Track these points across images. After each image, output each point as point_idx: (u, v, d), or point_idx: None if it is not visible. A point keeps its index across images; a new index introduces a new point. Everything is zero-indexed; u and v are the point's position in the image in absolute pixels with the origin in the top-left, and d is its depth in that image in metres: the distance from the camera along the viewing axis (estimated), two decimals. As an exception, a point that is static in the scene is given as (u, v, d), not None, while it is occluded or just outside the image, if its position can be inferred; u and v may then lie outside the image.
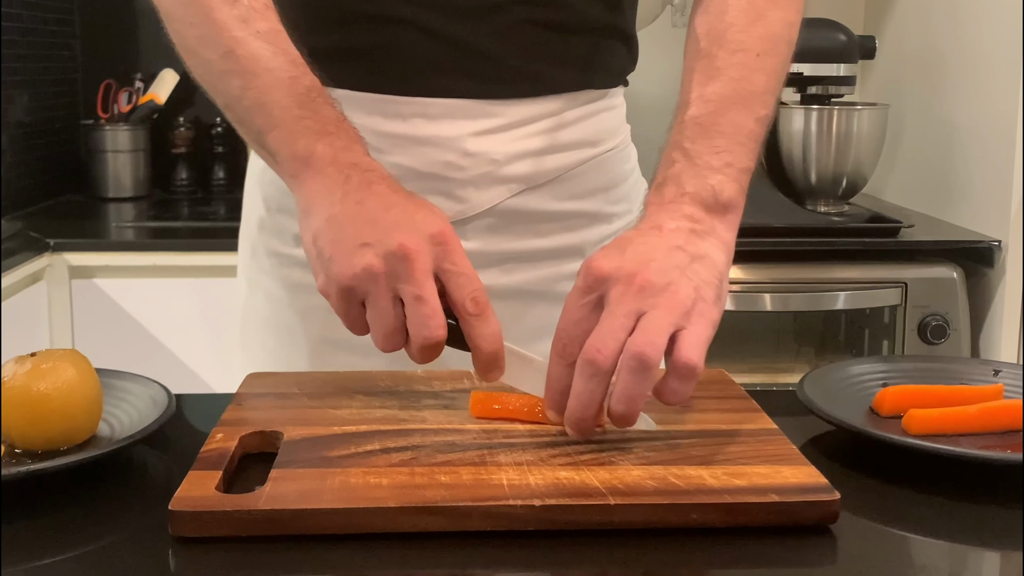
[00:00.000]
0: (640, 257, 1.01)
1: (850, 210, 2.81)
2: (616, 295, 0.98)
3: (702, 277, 1.01)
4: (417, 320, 0.98)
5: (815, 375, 1.17)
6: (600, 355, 0.96)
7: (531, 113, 1.30)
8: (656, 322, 0.96)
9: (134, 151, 3.21)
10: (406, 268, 0.99)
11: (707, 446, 0.99)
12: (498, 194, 1.31)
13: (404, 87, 1.28)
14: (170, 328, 2.67)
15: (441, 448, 0.98)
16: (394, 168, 1.27)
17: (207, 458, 0.95)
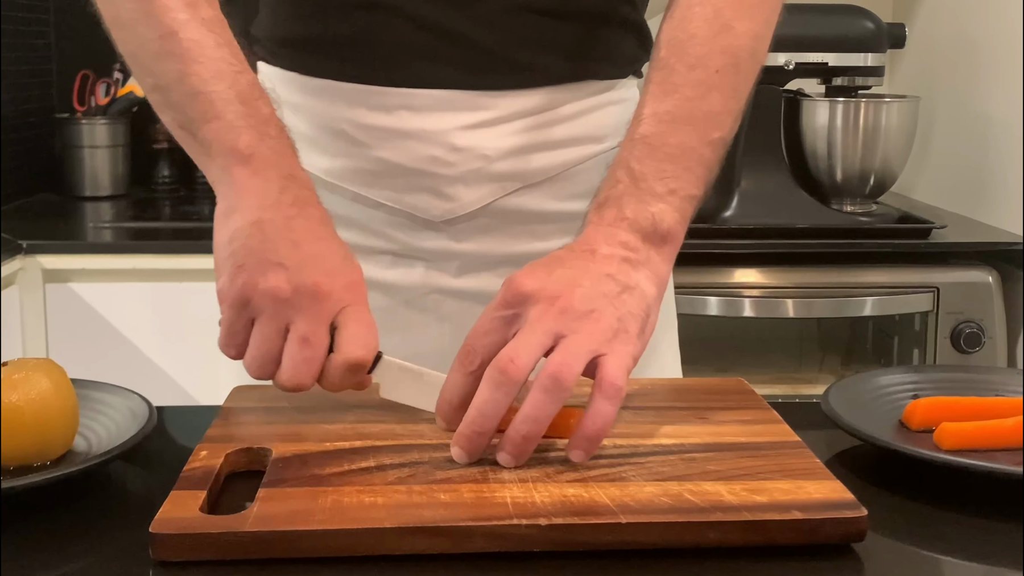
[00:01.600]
0: (567, 280, 1.03)
1: (878, 210, 2.81)
2: (536, 314, 1.00)
3: (628, 308, 1.03)
4: (295, 361, 1.02)
5: (841, 386, 1.17)
6: (513, 365, 0.97)
7: (524, 106, 1.30)
8: (575, 346, 0.99)
9: (112, 146, 3.22)
10: (310, 306, 1.02)
11: (725, 460, 1.00)
12: (490, 192, 1.31)
13: (388, 77, 1.28)
14: (151, 336, 2.68)
15: (440, 465, 0.98)
16: (378, 164, 1.30)
17: (191, 476, 0.95)
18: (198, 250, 2.67)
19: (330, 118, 1.31)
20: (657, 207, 1.10)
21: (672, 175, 1.12)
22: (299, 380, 1.02)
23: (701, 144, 1.14)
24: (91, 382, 1.14)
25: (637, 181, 1.11)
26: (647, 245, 1.09)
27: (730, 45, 1.17)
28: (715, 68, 1.16)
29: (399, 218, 1.33)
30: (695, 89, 1.15)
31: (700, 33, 1.17)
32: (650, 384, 1.20)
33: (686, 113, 1.14)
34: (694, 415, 1.11)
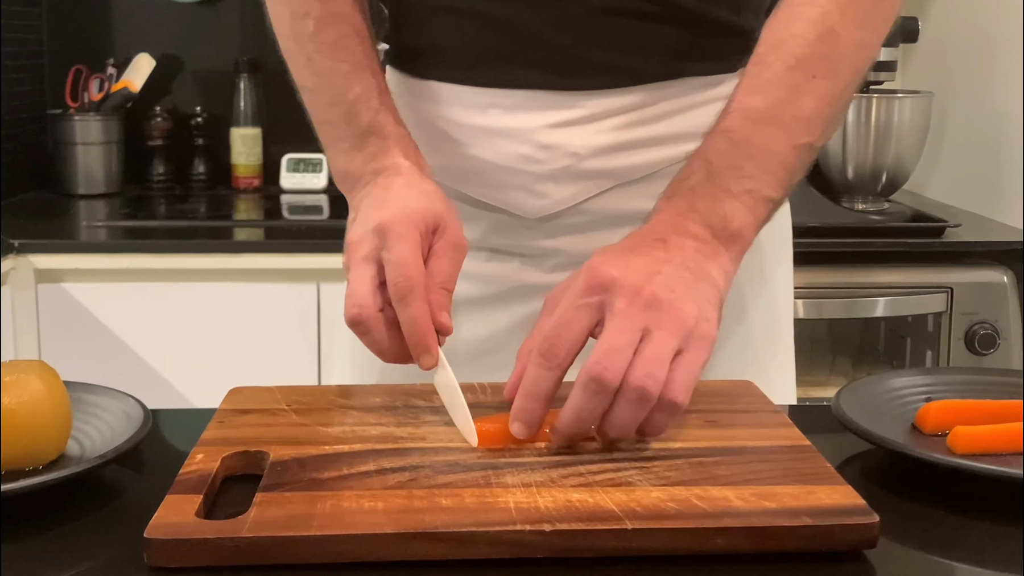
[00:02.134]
0: (646, 268, 1.04)
1: (890, 208, 2.81)
2: (621, 306, 1.01)
3: (706, 296, 1.05)
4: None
5: (852, 388, 1.17)
6: (608, 373, 0.99)
7: (614, 105, 1.31)
8: (659, 347, 1.00)
9: (106, 143, 3.22)
10: (347, 256, 1.16)
11: (734, 465, 1.00)
12: (582, 190, 1.33)
13: (477, 78, 1.32)
14: (146, 337, 2.68)
15: (442, 469, 0.98)
16: (474, 161, 1.34)
17: (186, 480, 0.95)
18: (194, 249, 2.67)
19: (432, 117, 1.36)
20: (730, 205, 1.11)
21: (750, 175, 1.12)
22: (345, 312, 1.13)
23: (786, 147, 1.14)
24: (84, 384, 1.14)
25: (713, 176, 1.12)
26: (716, 240, 1.10)
27: (832, 51, 1.16)
28: (812, 72, 1.15)
29: (496, 215, 1.37)
30: (788, 91, 1.15)
31: (802, 34, 1.16)
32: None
33: (776, 114, 1.14)
34: (702, 418, 1.11)
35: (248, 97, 3.32)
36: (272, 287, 2.68)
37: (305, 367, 2.70)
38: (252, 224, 3.13)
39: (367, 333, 1.12)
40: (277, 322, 2.69)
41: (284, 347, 2.69)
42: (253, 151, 3.33)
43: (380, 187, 1.21)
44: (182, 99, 3.39)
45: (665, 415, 1.01)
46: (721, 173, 1.12)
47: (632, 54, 1.29)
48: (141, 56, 3.22)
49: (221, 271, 2.66)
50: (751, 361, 1.40)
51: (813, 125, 1.15)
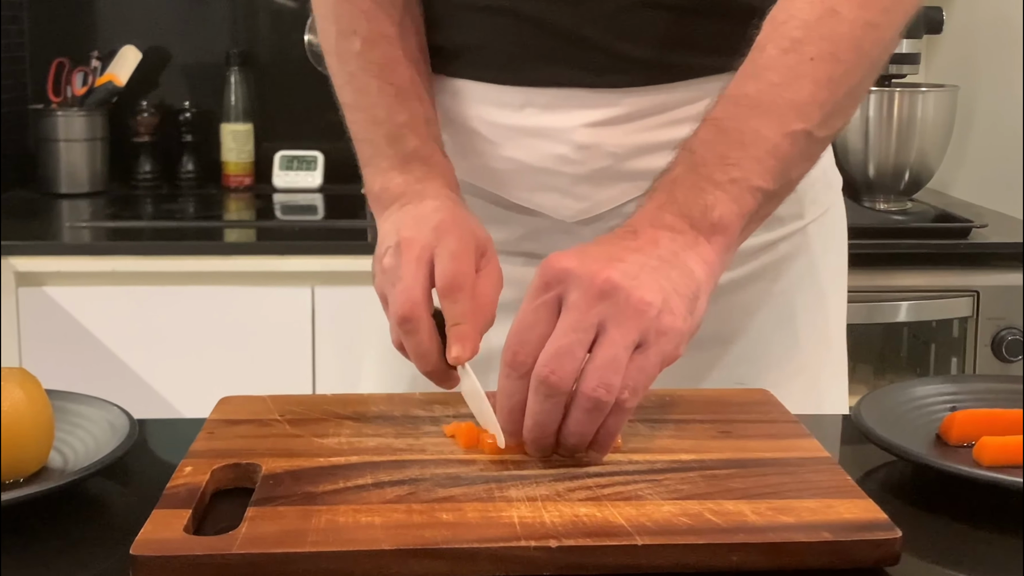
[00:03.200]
0: (606, 256, 1.04)
1: (913, 208, 2.81)
2: (574, 299, 1.01)
3: (674, 285, 1.04)
4: None
5: (873, 397, 1.17)
6: (555, 376, 0.99)
7: (655, 102, 1.30)
8: (612, 348, 0.99)
9: (90, 140, 3.22)
10: (394, 258, 1.20)
11: (749, 477, 1.00)
12: (623, 192, 1.32)
13: (512, 77, 1.32)
14: (131, 343, 2.68)
15: (443, 482, 0.99)
16: (509, 163, 1.34)
17: (174, 494, 0.95)
18: (182, 251, 2.68)
19: (465, 117, 1.36)
20: (712, 195, 1.09)
21: (736, 163, 1.11)
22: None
23: (778, 134, 1.12)
24: (67, 393, 1.15)
25: (696, 166, 1.11)
26: (695, 231, 1.09)
27: (833, 32, 1.14)
28: (810, 55, 1.13)
29: (532, 218, 1.37)
30: (782, 74, 1.13)
31: (801, 15, 1.15)
32: (668, 396, 1.20)
33: (767, 99, 1.13)
34: (715, 429, 1.11)
35: (239, 91, 3.32)
36: (264, 291, 2.68)
37: (299, 375, 2.70)
38: (243, 225, 3.13)
39: (415, 333, 1.12)
40: (269, 328, 2.69)
41: (277, 354, 2.70)
42: (244, 148, 3.34)
43: (427, 205, 1.23)
44: (170, 93, 3.40)
45: (615, 419, 1.00)
46: (705, 162, 1.11)
47: (673, 49, 1.28)
48: (127, 48, 3.23)
49: (211, 274, 2.67)
50: (800, 370, 1.40)
51: (809, 111, 1.13)
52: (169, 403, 2.67)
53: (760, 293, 1.38)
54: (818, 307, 1.42)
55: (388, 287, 1.17)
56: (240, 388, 1.26)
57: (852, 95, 1.17)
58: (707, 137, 1.13)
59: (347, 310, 2.70)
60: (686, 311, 1.03)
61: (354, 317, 2.69)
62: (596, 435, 1.01)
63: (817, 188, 1.42)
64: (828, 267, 1.44)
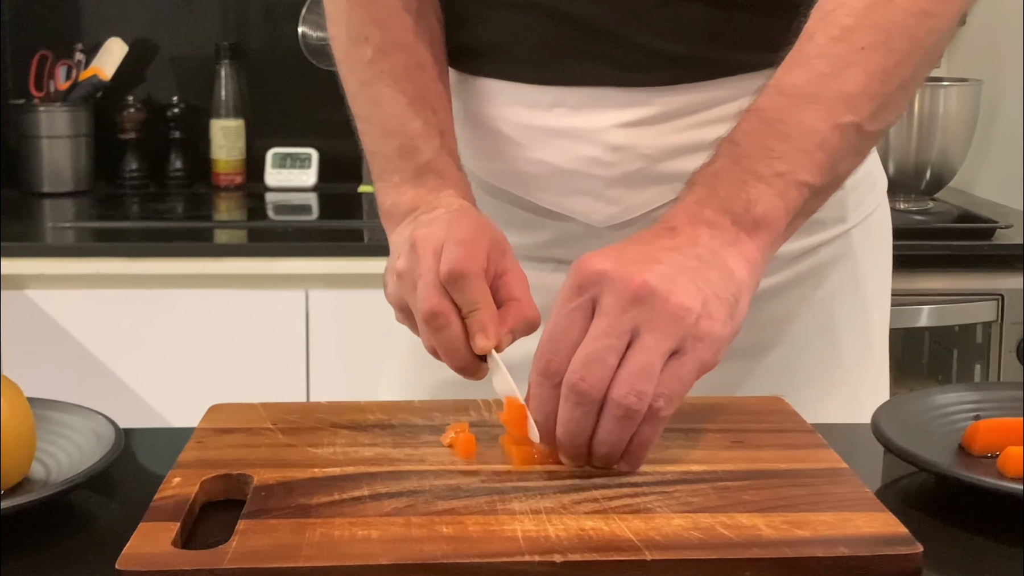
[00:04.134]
0: (642, 256, 1.03)
1: (935, 207, 2.81)
2: (608, 304, 1.01)
3: (714, 288, 1.03)
4: None
5: (893, 405, 1.17)
6: (584, 383, 0.99)
7: (692, 101, 1.30)
8: (646, 355, 0.99)
9: (74, 137, 3.22)
10: (405, 263, 1.18)
11: (763, 489, 1.00)
12: (657, 195, 1.32)
13: (541, 76, 1.32)
14: (118, 349, 2.68)
15: (443, 494, 0.99)
16: (537, 165, 1.33)
17: (162, 506, 0.95)
18: (170, 253, 2.68)
19: (491, 118, 1.36)
20: (755, 189, 1.09)
21: (782, 156, 1.10)
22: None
23: (826, 126, 1.11)
24: (50, 401, 1.15)
25: (739, 158, 1.11)
26: (737, 227, 1.08)
27: (884, 20, 1.13)
28: (861, 44, 1.12)
29: (561, 223, 1.37)
30: (831, 64, 1.12)
31: (851, 2, 1.14)
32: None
33: (815, 89, 1.12)
34: (728, 438, 1.11)
35: (230, 86, 3.32)
36: (256, 294, 2.69)
37: (292, 382, 2.70)
38: (234, 225, 3.13)
39: (444, 328, 1.12)
40: (262, 333, 2.69)
41: (270, 360, 2.70)
42: (235, 145, 3.34)
43: (439, 214, 1.22)
44: (157, 88, 3.39)
45: (649, 428, 1.01)
46: (748, 155, 1.10)
47: (712, 45, 1.28)
48: (112, 41, 3.23)
49: (200, 277, 2.67)
50: (839, 382, 1.40)
51: (860, 102, 1.12)
52: (156, 412, 2.67)
53: (799, 300, 1.38)
54: (860, 316, 1.42)
55: (408, 292, 1.16)
56: (231, 396, 1.27)
57: (905, 88, 1.16)
58: (751, 128, 1.12)
59: (343, 314, 2.70)
60: (726, 315, 1.03)
61: (350, 322, 2.69)
62: (629, 445, 1.01)
63: (861, 190, 1.41)
64: (871, 273, 1.43)
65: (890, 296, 1.48)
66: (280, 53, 3.36)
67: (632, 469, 1.03)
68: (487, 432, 1.10)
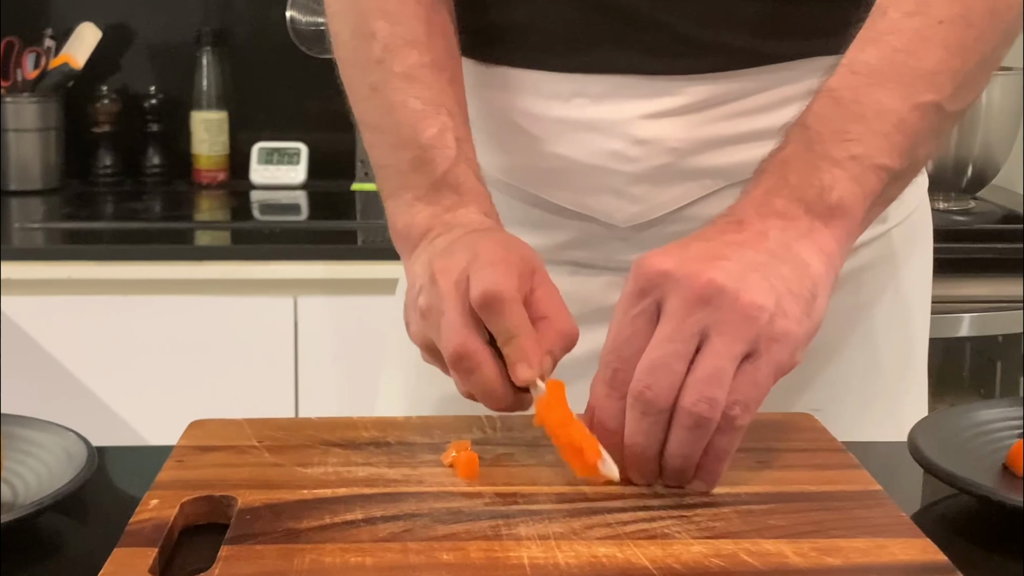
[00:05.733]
0: (707, 254, 1.03)
1: (977, 207, 2.81)
2: (673, 307, 1.00)
3: (787, 284, 1.03)
4: None
5: (931, 422, 1.17)
6: (650, 391, 0.99)
7: (724, 90, 1.30)
8: (717, 360, 0.99)
9: (43, 130, 3.22)
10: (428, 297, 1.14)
11: (790, 513, 1.00)
12: (685, 192, 1.32)
13: (561, 63, 1.32)
14: (90, 361, 2.68)
15: (443, 517, 0.99)
16: (555, 160, 1.33)
17: (138, 531, 0.95)
18: (148, 256, 2.68)
19: (505, 109, 1.36)
20: (830, 174, 1.09)
21: (858, 138, 1.10)
22: None
23: (905, 106, 1.11)
24: (17, 417, 1.15)
25: (812, 142, 1.11)
26: (810, 216, 1.08)
27: None
28: (939, 18, 1.12)
29: (581, 223, 1.37)
30: (907, 39, 1.12)
31: None
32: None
33: (890, 67, 1.12)
34: (752, 457, 1.11)
35: (212, 75, 3.32)
36: (240, 301, 2.69)
37: (280, 396, 2.70)
38: (217, 226, 3.13)
39: (474, 371, 1.08)
40: (246, 343, 2.69)
41: (255, 372, 2.70)
42: (218, 139, 3.34)
43: (458, 236, 1.18)
44: (133, 77, 3.40)
45: (725, 439, 1.00)
46: (821, 139, 1.10)
47: (746, 31, 1.28)
48: (84, 26, 3.23)
49: (179, 282, 2.67)
50: (879, 394, 1.40)
51: (940, 80, 1.12)
52: (132, 428, 2.68)
53: (837, 306, 1.36)
54: (901, 322, 1.42)
55: (432, 331, 1.12)
56: (213, 411, 1.27)
57: (985, 65, 1.16)
58: (822, 111, 1.12)
59: (334, 323, 2.70)
60: (802, 313, 1.03)
61: (342, 331, 2.69)
62: (703, 458, 1.01)
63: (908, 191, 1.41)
64: (912, 277, 1.43)
65: (930, 301, 1.47)
66: (267, 39, 3.36)
67: (709, 487, 1.03)
68: (491, 451, 1.10)
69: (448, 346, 1.08)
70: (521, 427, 1.15)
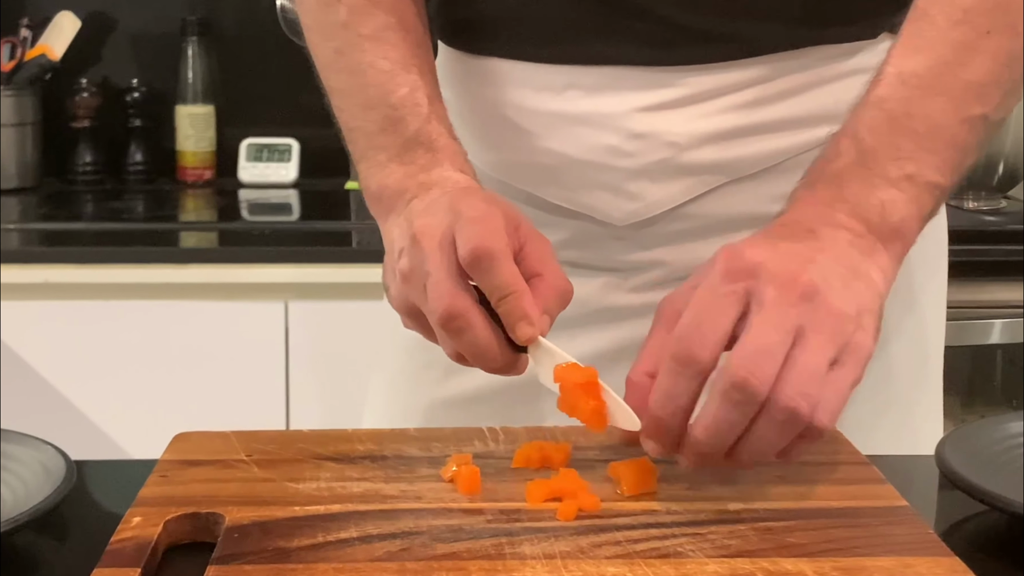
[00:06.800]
0: (799, 255, 1.04)
1: (1008, 207, 2.81)
2: (773, 296, 1.01)
3: (863, 298, 1.05)
4: None
5: (961, 434, 1.17)
6: (755, 379, 0.98)
7: (724, 82, 1.30)
8: (815, 356, 1.00)
9: (19, 125, 3.22)
10: (406, 259, 1.15)
11: (811, 530, 1.00)
12: (685, 189, 1.32)
13: (554, 53, 1.32)
14: (69, 369, 2.68)
15: (443, 535, 0.99)
16: (548, 156, 1.34)
17: (120, 550, 0.96)
18: (130, 259, 2.68)
19: (494, 103, 1.36)
20: (888, 194, 1.10)
21: (911, 155, 1.11)
22: None
23: (955, 121, 1.13)
24: (-8, 429, 1.15)
25: (865, 157, 1.12)
26: (872, 235, 1.10)
27: (1009, 2, 1.15)
28: (986, 28, 1.14)
29: (576, 222, 1.37)
30: (955, 50, 1.14)
31: None
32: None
33: (939, 79, 1.13)
34: (770, 471, 1.11)
35: (198, 67, 3.32)
36: (228, 306, 2.69)
37: (270, 407, 2.70)
38: (203, 227, 3.13)
39: (464, 331, 1.10)
40: (234, 350, 2.69)
41: (243, 382, 2.70)
42: (204, 135, 3.34)
43: (436, 196, 1.20)
44: (115, 69, 3.40)
45: (806, 443, 1.01)
46: (875, 153, 1.11)
47: (747, 19, 1.29)
48: (63, 15, 3.23)
49: (163, 286, 2.67)
50: (892, 402, 1.40)
51: (988, 92, 1.14)
52: (113, 441, 2.67)
53: None
54: (915, 328, 1.42)
55: (416, 294, 1.14)
56: (199, 423, 1.27)
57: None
58: (874, 123, 1.13)
59: (327, 329, 2.70)
60: (875, 329, 1.05)
61: (335, 337, 2.69)
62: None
63: None
64: (927, 281, 1.44)
65: (945, 307, 1.48)
66: (256, 29, 3.36)
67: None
68: (493, 465, 1.10)
69: (437, 307, 1.09)
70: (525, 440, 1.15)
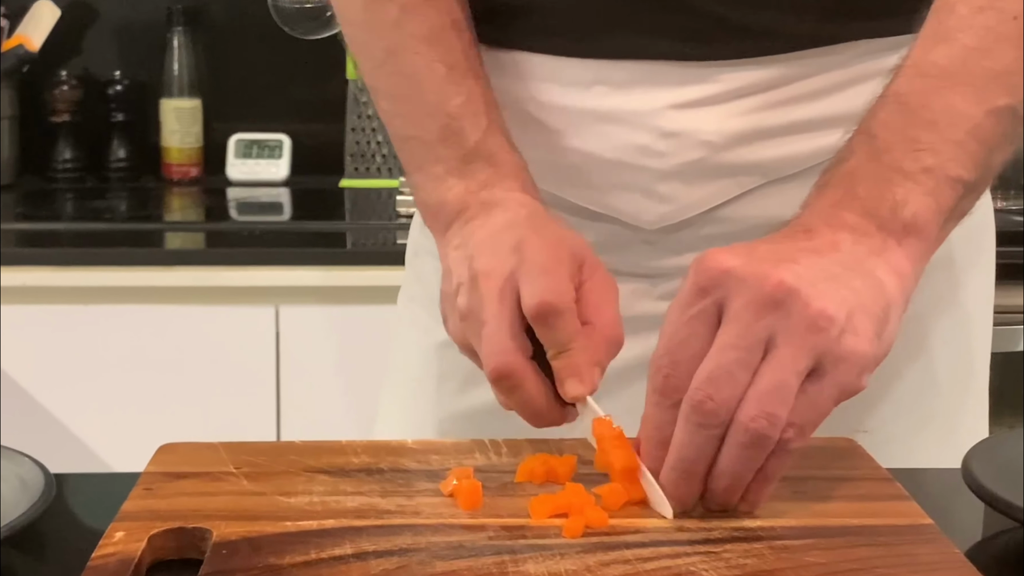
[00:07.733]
0: (775, 255, 1.04)
1: (1038, 206, 2.82)
2: (738, 307, 1.01)
3: (861, 299, 1.03)
4: None
5: (988, 447, 1.17)
6: (711, 402, 0.99)
7: (761, 78, 1.30)
8: (781, 372, 0.99)
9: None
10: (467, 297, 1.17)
11: (830, 549, 1.00)
12: (719, 190, 1.32)
13: (582, 48, 1.32)
14: (48, 377, 2.68)
15: (442, 552, 0.99)
16: (574, 155, 1.34)
17: (102, 567, 0.96)
18: (112, 261, 2.68)
19: (518, 98, 1.36)
20: (903, 188, 1.09)
21: (930, 147, 1.10)
22: None
23: (979, 111, 1.11)
24: (-33, 439, 1.15)
25: (879, 152, 1.11)
26: (883, 233, 1.08)
27: None
28: (1013, 13, 1.13)
29: (604, 225, 1.37)
30: (979, 37, 1.13)
31: None
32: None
33: (963, 68, 1.12)
34: (788, 487, 1.11)
35: (184, 58, 3.32)
36: (216, 311, 2.69)
37: (260, 416, 2.70)
38: (189, 227, 3.13)
39: (516, 389, 1.11)
40: (223, 357, 2.69)
41: (232, 390, 2.70)
42: (190, 130, 3.34)
43: (498, 219, 1.21)
44: (96, 61, 3.40)
45: (774, 462, 1.01)
46: (889, 148, 1.11)
47: (785, 12, 1.28)
48: (41, 4, 3.23)
49: (148, 290, 2.67)
50: (935, 413, 1.40)
51: (1015, 81, 1.13)
52: (95, 453, 2.68)
53: None
54: (960, 335, 1.42)
55: (473, 336, 1.15)
56: (185, 434, 1.27)
57: None
58: (889, 118, 1.13)
59: (320, 334, 2.70)
60: (874, 333, 1.03)
61: (328, 344, 2.69)
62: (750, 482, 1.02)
63: None
64: (973, 285, 1.44)
65: (992, 313, 1.47)
66: (245, 19, 3.36)
67: (750, 509, 1.04)
68: (495, 479, 1.10)
69: (490, 362, 1.10)
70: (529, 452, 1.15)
